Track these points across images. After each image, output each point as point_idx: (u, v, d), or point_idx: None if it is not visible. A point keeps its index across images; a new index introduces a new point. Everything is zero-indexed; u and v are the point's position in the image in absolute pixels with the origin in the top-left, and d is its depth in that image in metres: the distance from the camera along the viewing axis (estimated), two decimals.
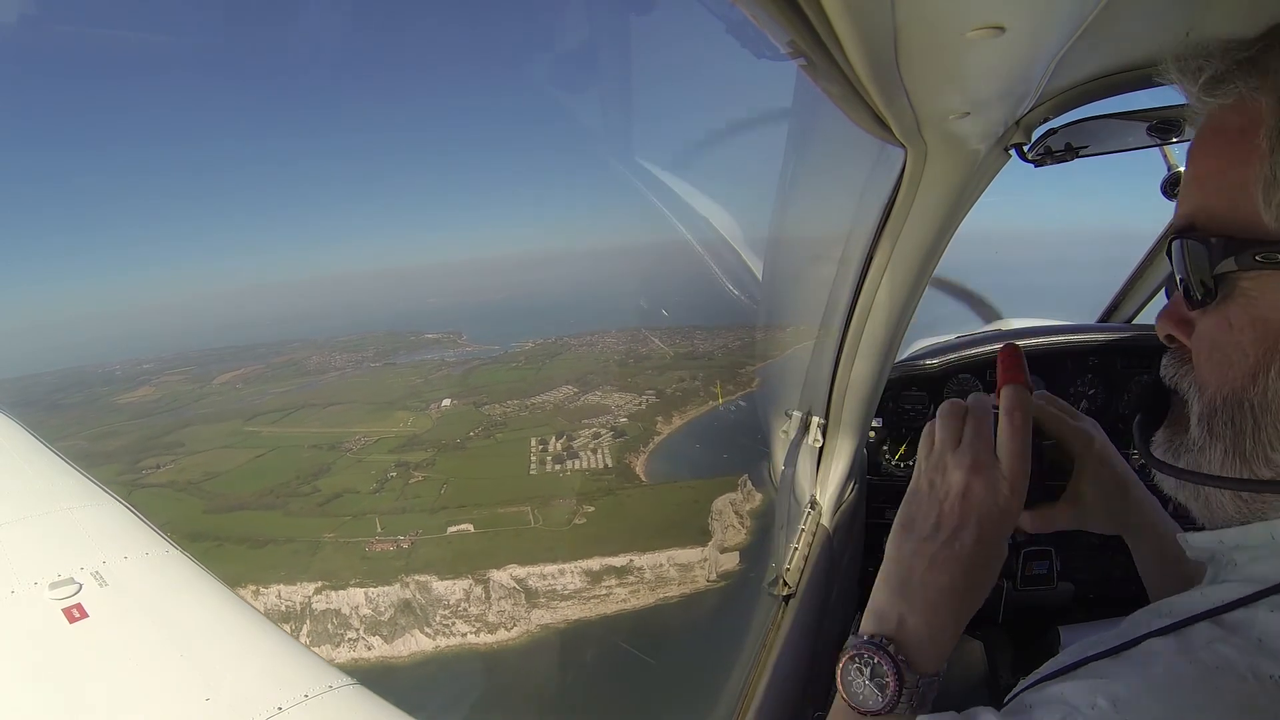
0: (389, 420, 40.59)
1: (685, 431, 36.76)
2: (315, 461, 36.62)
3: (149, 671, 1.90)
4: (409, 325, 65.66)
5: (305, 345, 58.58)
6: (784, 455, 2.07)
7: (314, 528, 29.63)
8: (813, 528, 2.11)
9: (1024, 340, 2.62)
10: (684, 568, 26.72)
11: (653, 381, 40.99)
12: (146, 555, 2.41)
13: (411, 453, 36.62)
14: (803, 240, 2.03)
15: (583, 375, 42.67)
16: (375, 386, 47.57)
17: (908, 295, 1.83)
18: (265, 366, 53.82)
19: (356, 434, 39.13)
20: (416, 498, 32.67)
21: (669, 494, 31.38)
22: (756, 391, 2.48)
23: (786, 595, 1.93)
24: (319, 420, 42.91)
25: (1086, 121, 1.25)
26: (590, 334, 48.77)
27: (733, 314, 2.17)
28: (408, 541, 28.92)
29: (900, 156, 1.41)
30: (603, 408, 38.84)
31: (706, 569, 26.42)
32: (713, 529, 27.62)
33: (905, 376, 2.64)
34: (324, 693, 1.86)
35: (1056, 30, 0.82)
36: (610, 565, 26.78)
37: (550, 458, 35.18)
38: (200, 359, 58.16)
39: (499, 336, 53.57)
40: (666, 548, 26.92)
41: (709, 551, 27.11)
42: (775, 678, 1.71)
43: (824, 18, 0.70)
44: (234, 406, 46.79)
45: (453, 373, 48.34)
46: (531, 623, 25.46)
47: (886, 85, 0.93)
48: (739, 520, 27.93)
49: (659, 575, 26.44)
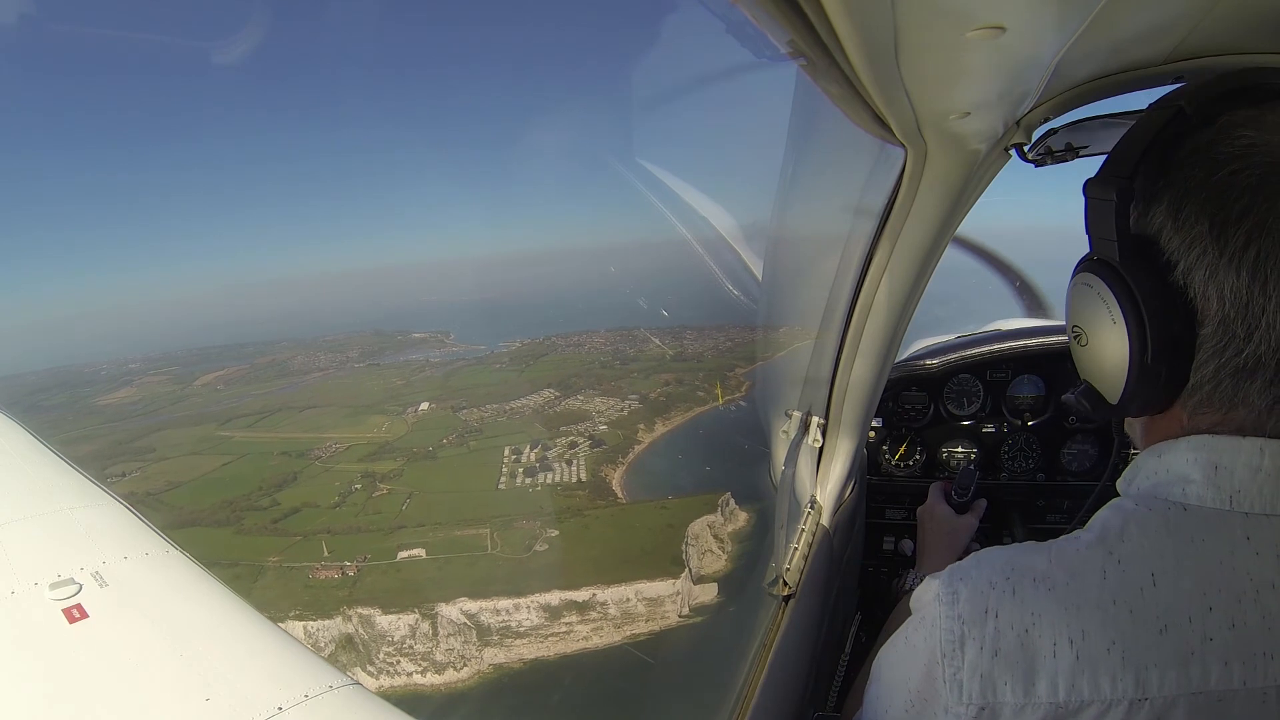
0: (364, 425, 39.81)
1: (668, 440, 35.40)
2: (282, 470, 35.58)
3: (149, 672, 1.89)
4: (399, 324, 64.99)
5: (292, 345, 57.78)
6: (784, 455, 2.07)
7: (262, 548, 28.36)
8: (813, 528, 2.11)
9: (1023, 340, 2.62)
10: (653, 602, 24.63)
11: (637, 386, 40.01)
12: (146, 555, 2.41)
13: (381, 462, 35.68)
14: (803, 240, 2.03)
15: (565, 378, 41.80)
16: (356, 389, 46.81)
17: (908, 295, 1.83)
18: (249, 367, 53.16)
19: (329, 440, 38.32)
20: (377, 514, 31.34)
21: (642, 515, 29.43)
22: (756, 391, 2.48)
23: (786, 595, 1.93)
24: (294, 425, 42.15)
25: (1086, 121, 1.25)
26: (579, 334, 48.19)
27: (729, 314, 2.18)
28: (354, 568, 27.42)
29: (900, 156, 1.41)
30: (583, 414, 37.87)
31: (679, 603, 24.39)
32: (687, 556, 25.65)
33: (905, 376, 2.64)
34: (324, 693, 1.85)
35: (1056, 30, 0.82)
36: (571, 600, 24.71)
37: (522, 469, 33.72)
38: (186, 359, 57.37)
39: (487, 336, 52.95)
40: (634, 579, 24.97)
41: (681, 584, 24.86)
42: (775, 678, 1.71)
43: (824, 18, 0.70)
44: (211, 409, 46.03)
45: (435, 374, 47.66)
46: (484, 662, 23.74)
47: (886, 85, 0.93)
48: (718, 545, 26.02)
49: (625, 611, 24.43)
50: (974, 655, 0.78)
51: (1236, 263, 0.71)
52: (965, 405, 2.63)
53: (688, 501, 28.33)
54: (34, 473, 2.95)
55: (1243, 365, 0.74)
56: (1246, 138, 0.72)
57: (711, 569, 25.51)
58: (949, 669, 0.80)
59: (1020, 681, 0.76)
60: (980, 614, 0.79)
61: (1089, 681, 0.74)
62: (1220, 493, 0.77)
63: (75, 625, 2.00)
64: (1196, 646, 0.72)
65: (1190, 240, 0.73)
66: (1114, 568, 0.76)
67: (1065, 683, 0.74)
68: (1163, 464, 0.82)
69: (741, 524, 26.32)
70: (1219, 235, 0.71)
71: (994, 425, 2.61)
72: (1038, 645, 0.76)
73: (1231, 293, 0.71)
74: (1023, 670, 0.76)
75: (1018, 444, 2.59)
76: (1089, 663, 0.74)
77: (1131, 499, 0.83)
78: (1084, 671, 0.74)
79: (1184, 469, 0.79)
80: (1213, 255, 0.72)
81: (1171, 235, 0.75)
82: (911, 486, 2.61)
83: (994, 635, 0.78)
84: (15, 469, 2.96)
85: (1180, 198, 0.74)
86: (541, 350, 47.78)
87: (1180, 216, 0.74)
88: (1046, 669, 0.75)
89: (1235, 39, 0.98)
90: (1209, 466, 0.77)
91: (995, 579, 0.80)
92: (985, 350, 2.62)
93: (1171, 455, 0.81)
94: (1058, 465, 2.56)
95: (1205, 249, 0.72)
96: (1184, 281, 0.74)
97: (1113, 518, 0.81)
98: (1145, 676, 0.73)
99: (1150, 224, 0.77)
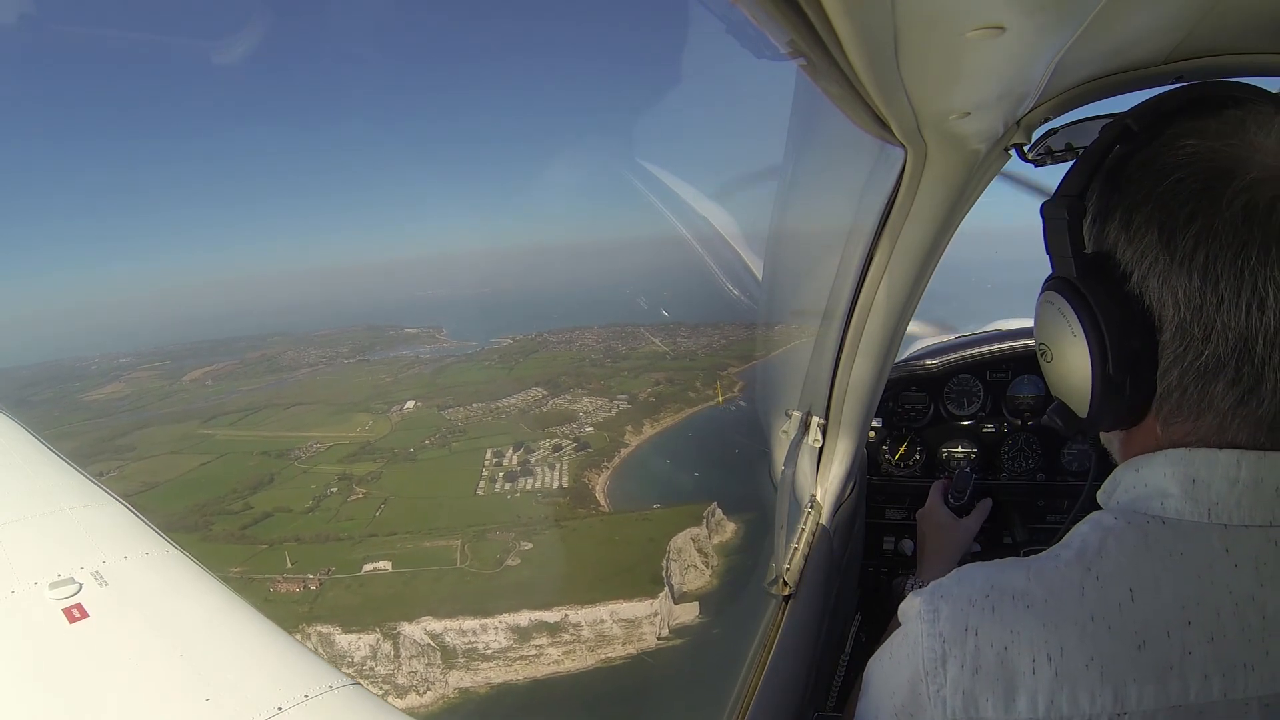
0: (348, 424, 39.10)
1: (656, 443, 34.17)
2: (259, 471, 34.83)
3: (149, 672, 1.90)
4: (393, 319, 64.41)
5: (284, 340, 56.91)
6: (784, 455, 2.07)
7: (226, 557, 27.33)
8: (813, 527, 2.11)
9: (1023, 340, 2.62)
10: (629, 624, 23.10)
11: (627, 385, 38.99)
12: (146, 555, 2.41)
13: (360, 463, 34.88)
14: (803, 240, 2.03)
15: (554, 377, 40.96)
16: (344, 385, 46.08)
17: (908, 295, 1.83)
18: (239, 362, 52.45)
19: (311, 439, 37.60)
20: (349, 520, 30.39)
21: (623, 527, 27.92)
22: (756, 391, 2.48)
23: (786, 595, 1.93)
24: (278, 423, 41.36)
25: (1086, 121, 1.25)
26: (571, 330, 47.51)
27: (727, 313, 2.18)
28: (316, 581, 26.58)
29: (900, 156, 1.42)
30: (570, 414, 36.97)
31: (657, 624, 22.73)
32: (668, 573, 24.21)
33: (905, 376, 2.64)
34: (324, 693, 1.86)
35: (1056, 30, 0.82)
36: (541, 620, 23.33)
37: (503, 474, 32.64)
38: (177, 353, 56.58)
39: (480, 331, 52.16)
40: (609, 599, 23.48)
41: (660, 604, 23.15)
42: (775, 678, 1.71)
43: (824, 18, 0.70)
44: (198, 406, 45.23)
45: (424, 371, 46.97)
46: (448, 685, 22.73)
47: (886, 85, 0.93)
48: (702, 560, 24.77)
49: (599, 633, 22.89)
50: (955, 673, 0.80)
51: (1187, 266, 0.72)
52: (965, 405, 2.63)
53: (671, 513, 27.20)
54: (34, 473, 2.95)
55: (1204, 367, 0.75)
56: (1190, 146, 0.74)
57: (694, 585, 24.26)
58: (932, 686, 0.82)
59: (1001, 698, 0.77)
60: (961, 632, 0.81)
61: (1068, 698, 0.75)
62: (1199, 506, 0.78)
63: (75, 625, 2.00)
64: (1175, 661, 0.73)
65: (1142, 250, 0.75)
66: (1092, 584, 0.77)
67: (1044, 699, 0.76)
68: (1140, 478, 0.83)
69: (729, 536, 25.29)
70: (1168, 242, 0.73)
71: (994, 425, 2.61)
72: (1017, 663, 0.77)
73: (1185, 296, 0.73)
74: (1003, 687, 0.77)
75: (1018, 444, 2.59)
76: (1068, 679, 0.75)
77: (1111, 513, 0.84)
78: (1063, 688, 0.75)
79: (1162, 483, 0.80)
80: (1164, 262, 0.74)
81: (1125, 247, 0.77)
82: (911, 486, 2.61)
83: (974, 653, 0.79)
84: (16, 469, 2.96)
85: (1130, 210, 0.76)
86: (532, 347, 47.07)
87: (1131, 228, 0.76)
88: (1026, 686, 0.76)
89: (1234, 39, 0.98)
90: (1186, 480, 0.78)
91: (975, 597, 0.82)
92: (985, 350, 2.62)
93: (1149, 469, 0.82)
94: (1058, 465, 2.56)
95: (1157, 257, 0.74)
96: (1139, 290, 0.76)
97: (1091, 534, 0.82)
98: (1124, 692, 0.74)
99: (1105, 239, 0.79)
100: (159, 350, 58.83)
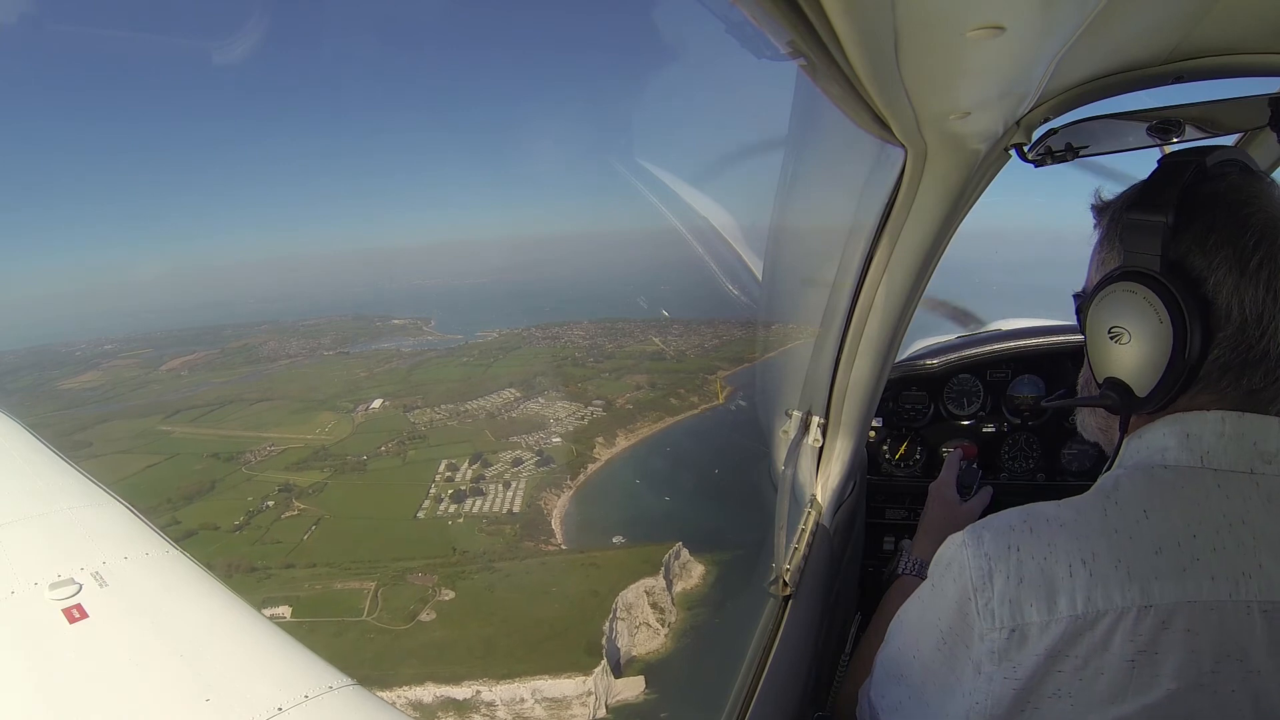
0: (309, 424, 37.19)
1: (628, 458, 31.11)
2: (203, 477, 32.60)
3: (149, 672, 1.89)
4: (382, 309, 62.07)
5: (270, 328, 54.74)
6: (784, 455, 2.07)
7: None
8: (812, 527, 2.11)
9: (1023, 340, 2.62)
10: (556, 704, 18.58)
11: (605, 389, 36.74)
12: (146, 555, 2.41)
13: (308, 471, 32.74)
14: (803, 239, 2.03)
15: (530, 377, 39.03)
16: (316, 379, 43.97)
17: (908, 295, 1.83)
18: (219, 352, 50.25)
19: (268, 441, 35.77)
20: (275, 544, 27.87)
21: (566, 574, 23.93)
22: (756, 390, 2.48)
23: (786, 595, 1.93)
24: (239, 420, 39.27)
25: (1086, 121, 1.25)
26: (559, 325, 45.97)
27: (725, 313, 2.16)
28: None
29: (900, 156, 1.42)
30: (539, 420, 34.88)
31: (591, 706, 18.23)
32: (613, 636, 19.73)
33: (905, 376, 2.64)
34: (324, 693, 1.86)
35: (1056, 30, 0.82)
36: (448, 697, 18.99)
37: (451, 492, 30.03)
38: (161, 340, 54.15)
39: (467, 324, 50.41)
40: (534, 674, 19.05)
41: (596, 680, 18.39)
42: (775, 678, 1.71)
43: (824, 18, 0.70)
44: (167, 398, 43.02)
45: (401, 366, 45.09)
46: None
47: (886, 85, 0.93)
48: (658, 618, 20.53)
49: (517, 714, 18.56)
50: (1002, 585, 0.93)
51: (1255, 280, 0.91)
52: (965, 405, 2.63)
53: (627, 555, 23.46)
54: (35, 473, 2.95)
55: (1250, 360, 0.93)
56: (1250, 190, 0.95)
57: (644, 649, 19.80)
58: (981, 600, 0.94)
59: (1044, 601, 0.90)
60: (1004, 550, 0.94)
61: (1102, 594, 0.88)
62: (1193, 454, 0.94)
63: (75, 625, 2.00)
64: (1187, 564, 0.87)
65: (1215, 262, 0.92)
66: (1112, 508, 0.93)
67: (1082, 597, 0.88)
68: (1144, 442, 1.00)
69: (695, 582, 21.72)
70: (1240, 259, 0.91)
71: (994, 425, 2.61)
72: (1055, 570, 0.90)
73: (1251, 303, 0.91)
74: (1045, 592, 0.90)
75: (1018, 444, 2.59)
76: (1101, 579, 0.88)
77: (1121, 467, 1.02)
78: (1098, 586, 0.88)
79: (1162, 440, 0.97)
80: (1236, 274, 0.91)
81: (1198, 257, 0.93)
82: (911, 486, 2.61)
83: (1018, 565, 0.92)
84: (16, 469, 2.96)
85: (1206, 229, 0.93)
86: (515, 342, 45.35)
87: (1207, 244, 0.93)
88: (1065, 588, 0.89)
89: (1234, 39, 0.98)
90: (1182, 435, 0.96)
91: (1014, 522, 0.97)
92: (985, 350, 2.62)
93: (1150, 433, 0.99)
94: (1058, 465, 2.56)
95: (1230, 269, 0.92)
96: (1213, 293, 0.92)
97: (1106, 479, 1.00)
98: (1149, 587, 0.87)
99: (1178, 248, 0.94)
100: (144, 337, 56.02)
